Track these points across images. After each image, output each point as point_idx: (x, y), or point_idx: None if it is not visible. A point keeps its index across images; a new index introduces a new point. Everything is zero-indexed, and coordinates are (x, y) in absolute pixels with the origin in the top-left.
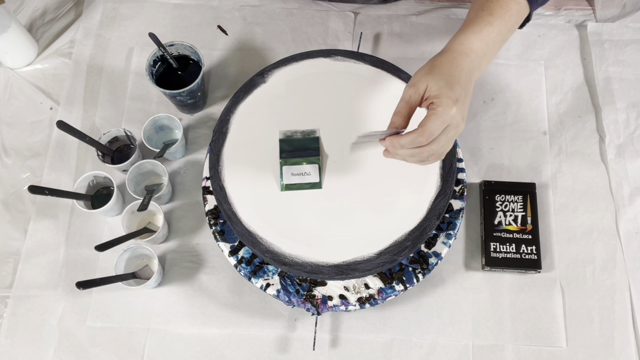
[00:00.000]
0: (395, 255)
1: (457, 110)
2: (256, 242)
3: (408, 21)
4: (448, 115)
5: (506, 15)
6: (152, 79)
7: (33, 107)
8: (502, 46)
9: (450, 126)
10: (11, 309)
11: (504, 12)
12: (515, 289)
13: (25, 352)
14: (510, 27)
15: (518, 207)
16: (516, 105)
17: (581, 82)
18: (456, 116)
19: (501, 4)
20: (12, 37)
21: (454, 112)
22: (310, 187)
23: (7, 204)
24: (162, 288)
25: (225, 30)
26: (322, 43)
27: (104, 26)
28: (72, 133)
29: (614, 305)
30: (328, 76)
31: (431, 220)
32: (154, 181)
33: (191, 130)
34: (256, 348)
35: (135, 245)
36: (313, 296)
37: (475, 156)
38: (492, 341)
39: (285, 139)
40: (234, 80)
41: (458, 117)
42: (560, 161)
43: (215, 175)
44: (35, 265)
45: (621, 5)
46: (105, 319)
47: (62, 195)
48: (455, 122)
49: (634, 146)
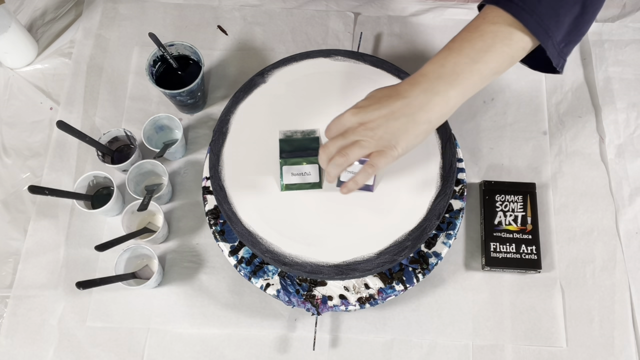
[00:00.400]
0: (395, 255)
1: (350, 114)
2: (256, 242)
3: (408, 21)
4: (341, 119)
5: (476, 42)
6: (152, 79)
7: (33, 107)
8: (475, 69)
9: (350, 129)
10: (11, 309)
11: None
12: (515, 289)
13: (25, 352)
14: (478, 57)
15: (518, 207)
16: (516, 105)
17: (581, 82)
18: (350, 119)
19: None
20: (12, 37)
21: (347, 116)
22: (310, 187)
23: (7, 204)
24: (162, 288)
25: (225, 30)
26: (322, 43)
27: (104, 26)
28: (72, 133)
29: (614, 305)
30: (328, 76)
31: (431, 220)
32: (154, 181)
33: (191, 130)
34: (256, 348)
35: (135, 245)
36: (313, 296)
37: (475, 156)
38: (492, 341)
39: (285, 139)
40: (234, 80)
41: (352, 119)
42: (560, 161)
43: (215, 175)
44: (35, 265)
45: (621, 5)
46: (105, 319)
47: (62, 195)
48: (350, 124)
49: (634, 146)
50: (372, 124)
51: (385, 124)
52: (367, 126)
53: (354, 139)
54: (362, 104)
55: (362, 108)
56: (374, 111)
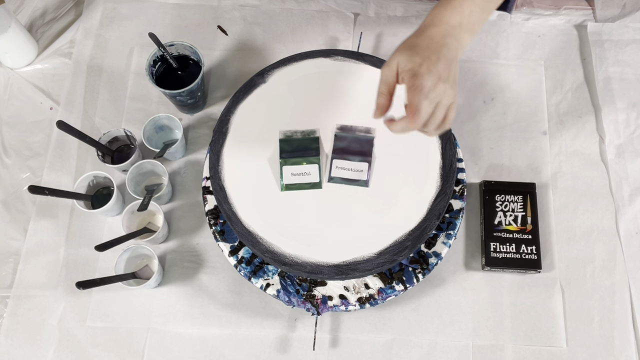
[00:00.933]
0: (395, 255)
1: (424, 71)
2: (256, 242)
3: (408, 21)
4: (419, 81)
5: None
6: (152, 79)
7: (33, 107)
8: (483, 17)
9: (429, 88)
10: (11, 309)
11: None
12: (515, 289)
13: (25, 352)
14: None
15: (518, 207)
16: (516, 105)
17: (581, 82)
18: (427, 77)
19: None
20: (12, 37)
21: (422, 75)
22: (310, 187)
23: (7, 204)
24: (162, 288)
25: (225, 30)
26: (322, 43)
27: (104, 26)
28: (72, 133)
29: (614, 305)
30: (328, 76)
31: (431, 220)
32: (154, 181)
33: (191, 130)
34: (256, 348)
35: (135, 245)
36: (313, 296)
37: (475, 156)
38: (492, 341)
39: (285, 139)
40: (234, 80)
41: (430, 77)
42: (560, 161)
43: (215, 175)
44: (35, 265)
45: (621, 5)
46: (105, 319)
47: (62, 195)
48: (432, 83)
49: (634, 146)
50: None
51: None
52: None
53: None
54: (421, 59)
55: (429, 64)
56: (440, 68)
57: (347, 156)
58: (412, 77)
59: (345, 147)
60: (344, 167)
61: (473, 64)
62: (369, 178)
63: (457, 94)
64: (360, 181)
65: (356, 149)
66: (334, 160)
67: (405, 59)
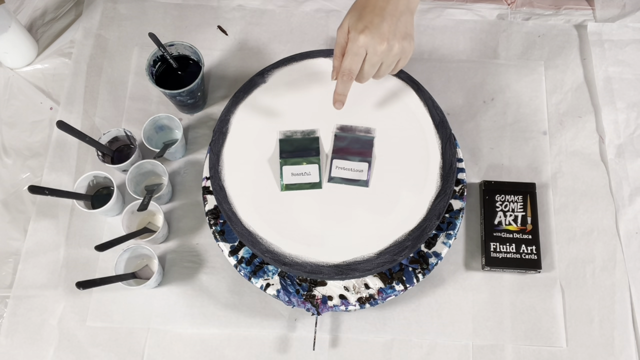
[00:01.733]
0: (395, 255)
1: (365, 37)
2: (256, 242)
3: None
4: (356, 46)
5: None
6: (152, 79)
7: (33, 107)
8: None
9: (370, 53)
10: (11, 309)
11: None
12: (515, 289)
13: (25, 352)
14: None
15: (518, 207)
16: (516, 105)
17: (581, 82)
18: (369, 43)
19: None
20: (12, 37)
21: (362, 41)
22: (310, 187)
23: (7, 204)
24: (162, 288)
25: (225, 30)
26: (322, 43)
27: (104, 26)
28: (72, 133)
29: (614, 305)
30: (328, 76)
31: (431, 220)
32: (154, 181)
33: (191, 130)
34: (256, 348)
35: (135, 245)
36: (313, 296)
37: (475, 156)
38: (492, 341)
39: (285, 139)
40: (234, 80)
41: (372, 42)
42: (560, 161)
43: (215, 175)
44: (35, 265)
45: (621, 5)
46: (105, 318)
47: (62, 195)
48: (372, 48)
49: (634, 146)
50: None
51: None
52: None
53: (382, 58)
54: (365, 23)
55: (371, 28)
56: (383, 29)
57: (347, 156)
58: (350, 42)
59: (345, 147)
60: (344, 167)
61: (473, 64)
62: (369, 178)
63: (413, 43)
64: (360, 181)
65: (356, 149)
66: (334, 160)
67: (353, 22)
